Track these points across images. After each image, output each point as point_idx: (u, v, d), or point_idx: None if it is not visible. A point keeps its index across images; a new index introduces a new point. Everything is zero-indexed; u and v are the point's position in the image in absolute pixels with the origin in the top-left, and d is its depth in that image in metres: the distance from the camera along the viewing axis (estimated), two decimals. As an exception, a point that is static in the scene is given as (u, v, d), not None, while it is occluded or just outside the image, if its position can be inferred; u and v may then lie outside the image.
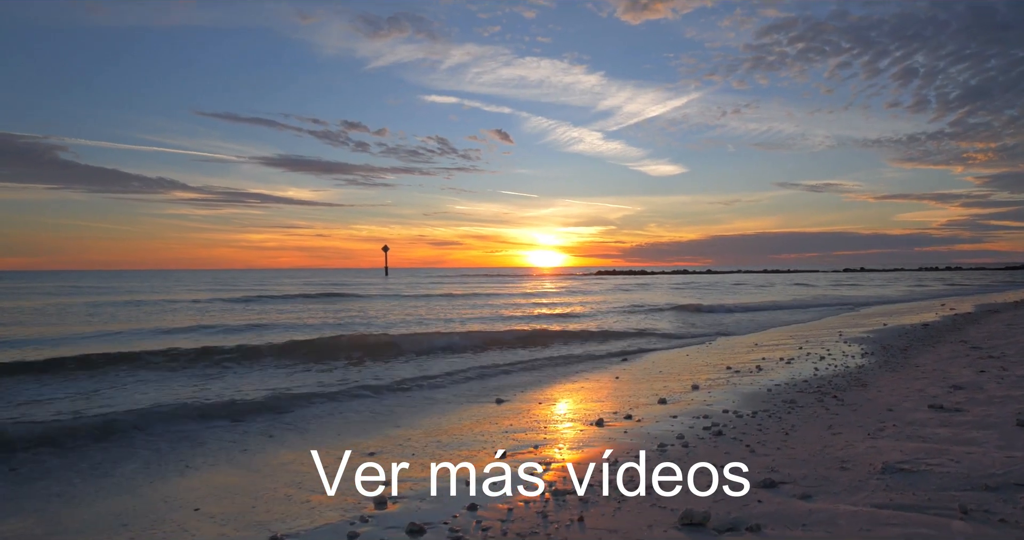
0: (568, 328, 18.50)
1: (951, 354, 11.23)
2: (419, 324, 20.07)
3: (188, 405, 7.98)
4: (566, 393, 9.36)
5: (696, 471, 4.77)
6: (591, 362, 12.66)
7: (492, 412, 7.98)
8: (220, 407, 8.02)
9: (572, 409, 8.01)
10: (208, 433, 6.99)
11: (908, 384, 8.31)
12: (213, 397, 8.69)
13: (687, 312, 24.73)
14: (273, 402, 8.40)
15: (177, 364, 11.62)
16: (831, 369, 10.39)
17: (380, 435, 6.82)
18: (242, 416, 7.77)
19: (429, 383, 10.25)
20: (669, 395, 8.72)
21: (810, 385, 8.86)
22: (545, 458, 5.56)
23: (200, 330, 17.34)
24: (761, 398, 8.03)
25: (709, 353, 13.75)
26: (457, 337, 14.80)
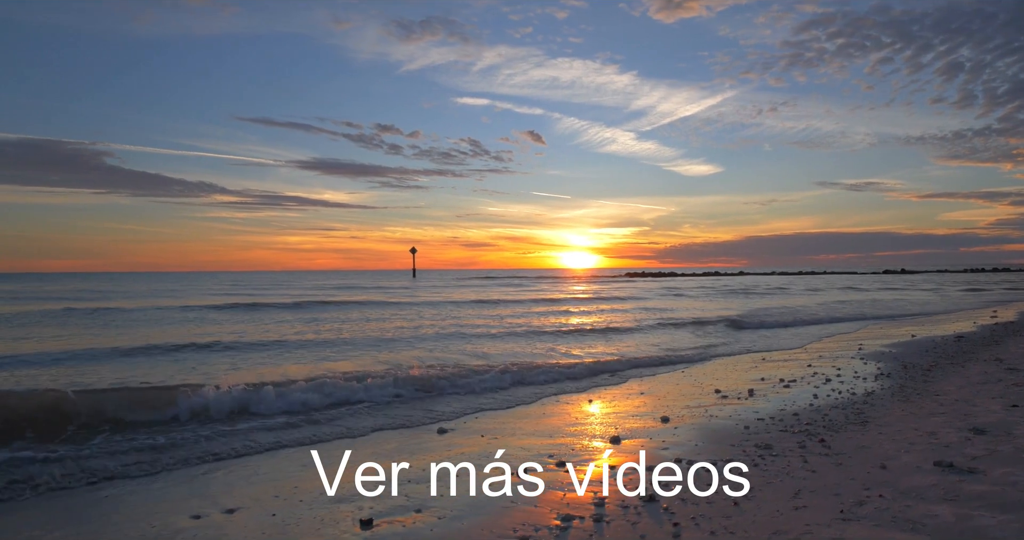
0: (557, 350, 17.14)
1: (981, 378, 9.54)
2: (377, 346, 14.90)
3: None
4: (499, 423, 7.99)
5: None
6: (562, 384, 11.24)
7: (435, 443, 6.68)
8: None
9: (510, 445, 6.65)
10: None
11: (919, 423, 6.75)
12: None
13: (712, 325, 22.00)
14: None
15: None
16: (832, 397, 8.82)
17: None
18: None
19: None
20: (631, 430, 7.33)
21: (800, 420, 7.35)
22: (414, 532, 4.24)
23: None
24: (732, 439, 6.57)
25: (706, 371, 12.21)
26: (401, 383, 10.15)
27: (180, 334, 16.88)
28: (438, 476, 5.64)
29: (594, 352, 14.88)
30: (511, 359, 12.96)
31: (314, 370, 11.31)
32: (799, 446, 6.06)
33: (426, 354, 13.61)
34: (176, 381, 10.05)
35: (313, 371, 11.14)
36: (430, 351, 14.19)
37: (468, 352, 14.14)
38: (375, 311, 26.46)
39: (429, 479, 5.53)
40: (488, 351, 14.38)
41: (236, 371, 11.46)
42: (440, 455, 6.45)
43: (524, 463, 6.00)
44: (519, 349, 14.99)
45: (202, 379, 10.22)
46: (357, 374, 10.38)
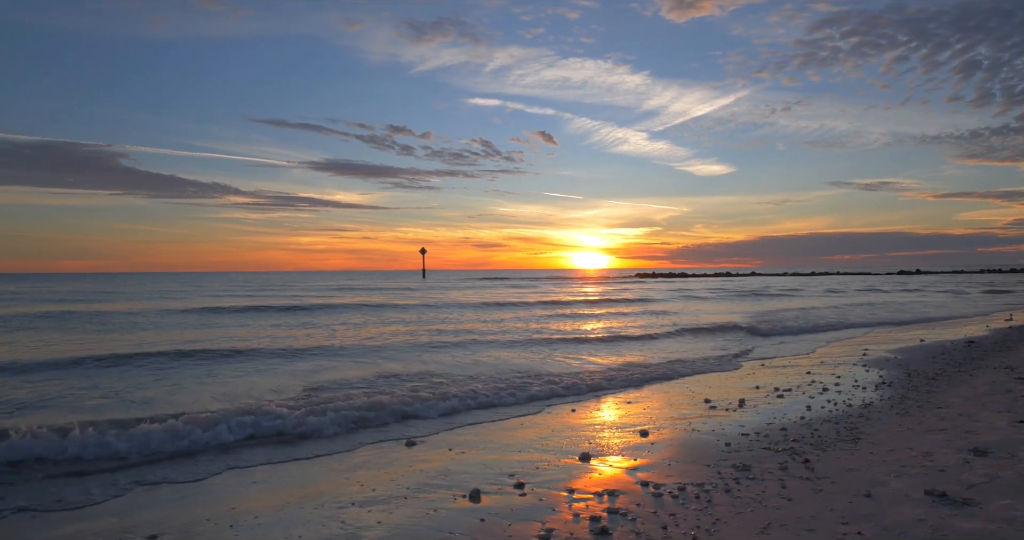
0: (552, 359, 16.59)
1: (989, 388, 8.93)
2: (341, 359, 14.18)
3: None
4: (474, 435, 7.49)
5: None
6: (547, 400, 10.71)
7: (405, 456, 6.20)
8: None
9: (475, 460, 6.15)
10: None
11: (915, 441, 6.18)
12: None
13: (721, 333, 20.13)
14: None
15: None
16: (827, 408, 8.25)
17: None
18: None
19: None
20: (605, 446, 6.83)
21: (787, 435, 6.80)
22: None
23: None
24: (710, 458, 6.04)
25: (700, 378, 11.66)
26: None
27: (150, 340, 16.18)
28: (389, 498, 5.16)
29: (594, 362, 14.34)
30: (503, 369, 12.04)
31: (235, 389, 9.94)
32: (780, 468, 5.52)
33: (400, 368, 12.16)
34: (64, 404, 8.78)
35: (234, 390, 9.85)
36: (405, 364, 12.50)
37: (447, 364, 12.58)
38: (372, 314, 26.03)
39: (379, 501, 5.05)
40: (480, 359, 13.40)
41: (145, 390, 9.96)
42: (398, 471, 5.98)
43: (481, 484, 5.52)
44: (513, 359, 13.63)
45: (98, 400, 9.12)
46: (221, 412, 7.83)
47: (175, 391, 9.89)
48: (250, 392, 9.70)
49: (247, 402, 8.73)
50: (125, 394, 9.64)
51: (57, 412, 8.34)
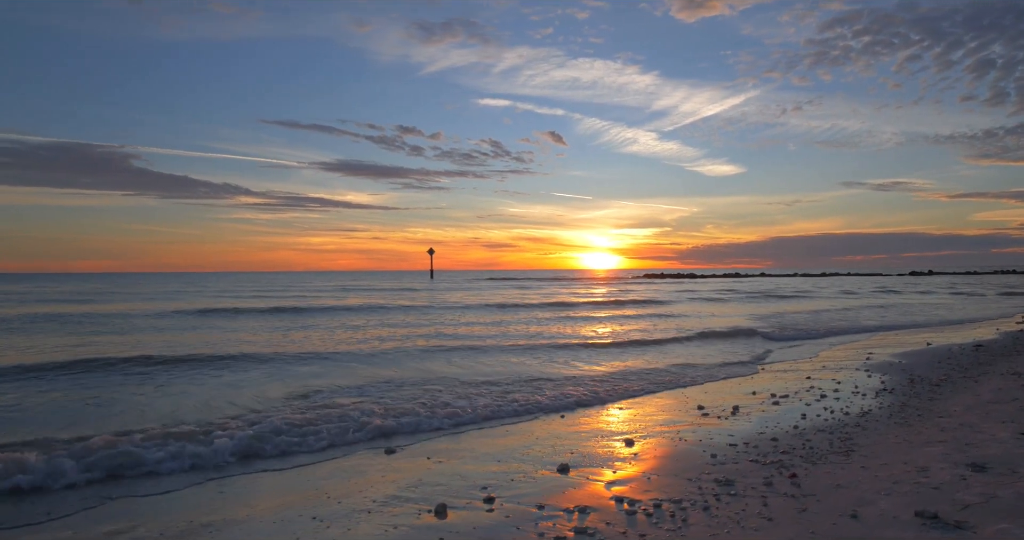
0: (547, 371, 16.27)
1: (994, 396, 8.56)
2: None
3: None
4: (455, 443, 7.22)
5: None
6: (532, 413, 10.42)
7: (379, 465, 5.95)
8: None
9: (451, 471, 5.88)
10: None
11: (911, 454, 5.86)
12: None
13: (729, 339, 18.44)
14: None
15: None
16: (822, 417, 7.93)
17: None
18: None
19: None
20: (587, 455, 6.56)
21: (777, 446, 6.49)
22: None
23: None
24: (693, 471, 5.74)
25: (697, 384, 11.35)
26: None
27: (125, 344, 15.44)
28: (352, 512, 4.90)
29: (590, 369, 14.04)
30: (497, 377, 11.39)
31: (182, 404, 8.96)
32: (765, 483, 5.21)
33: (392, 375, 11.52)
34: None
35: (176, 406, 8.82)
36: (399, 371, 12.19)
37: (438, 374, 11.73)
38: (371, 316, 25.85)
39: (341, 515, 4.79)
40: (473, 366, 12.84)
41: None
42: (370, 481, 5.72)
43: (451, 498, 5.25)
44: (510, 365, 12.96)
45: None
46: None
47: (104, 406, 8.93)
48: (190, 415, 8.30)
49: (184, 428, 7.45)
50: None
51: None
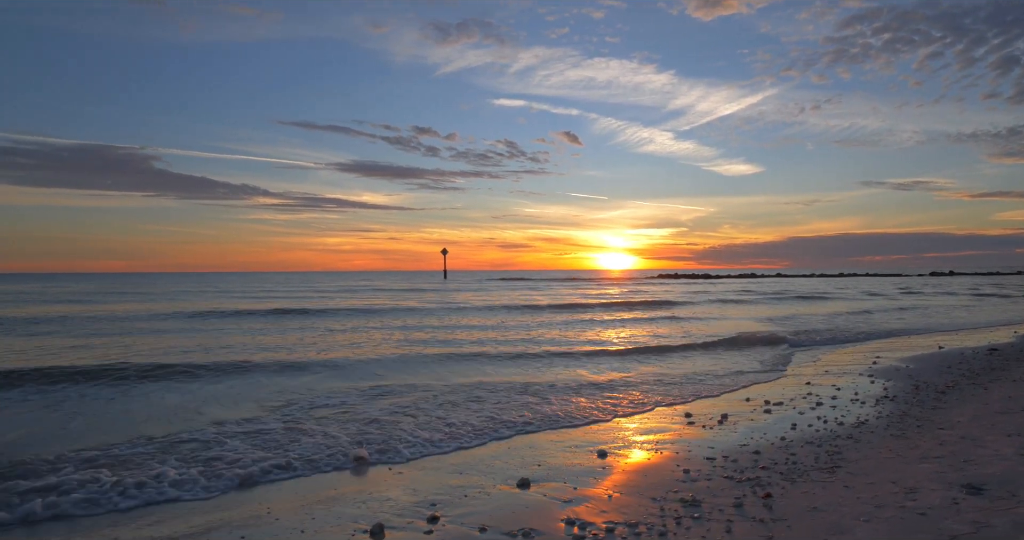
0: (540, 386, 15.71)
1: (1002, 405, 7.97)
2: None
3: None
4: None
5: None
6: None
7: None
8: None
9: (406, 485, 5.45)
10: None
11: (902, 471, 5.33)
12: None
13: (741, 348, 16.39)
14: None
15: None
16: (813, 427, 7.39)
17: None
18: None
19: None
20: (553, 468, 6.11)
21: (758, 461, 5.98)
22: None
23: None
24: (660, 489, 5.25)
25: (693, 388, 10.82)
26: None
27: (91, 349, 14.72)
28: (284, 530, 4.49)
29: (587, 377, 13.54)
30: (488, 392, 10.12)
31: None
32: (735, 504, 4.72)
33: (379, 385, 10.78)
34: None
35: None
36: (387, 381, 11.54)
37: (425, 388, 11.23)
38: (372, 318, 25.52)
39: (270, 535, 4.38)
40: (467, 375, 11.98)
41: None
42: (317, 497, 5.31)
43: (393, 516, 4.83)
44: (491, 379, 11.37)
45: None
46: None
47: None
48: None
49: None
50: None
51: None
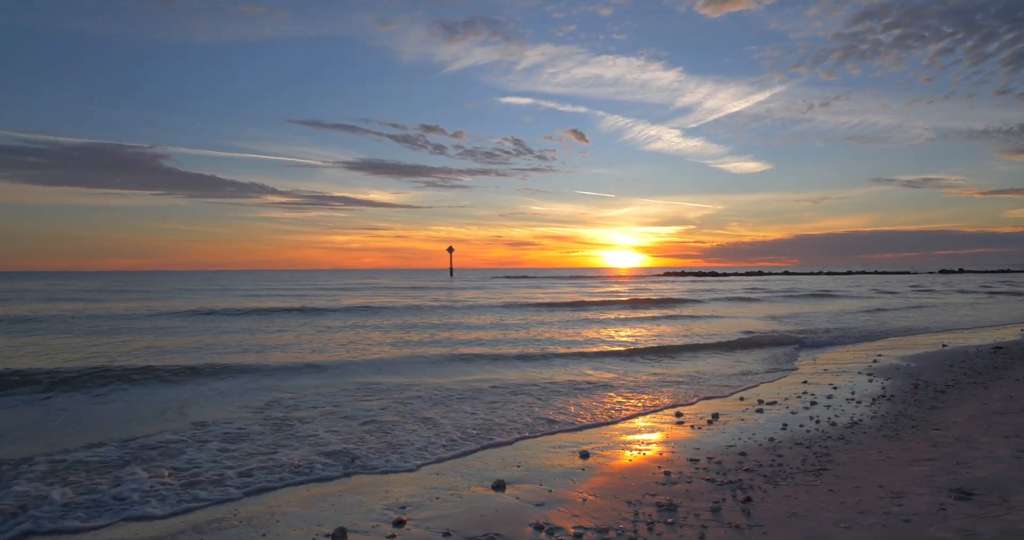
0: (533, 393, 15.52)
1: (1002, 405, 7.71)
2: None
3: None
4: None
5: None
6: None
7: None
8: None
9: (377, 489, 5.27)
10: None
11: (891, 474, 5.10)
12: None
13: (748, 349, 15.25)
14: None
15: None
16: (805, 427, 7.17)
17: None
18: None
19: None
20: (532, 468, 5.91)
21: (743, 462, 5.77)
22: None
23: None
24: (638, 491, 5.05)
25: (688, 390, 10.60)
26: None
27: (59, 352, 14.45)
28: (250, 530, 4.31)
29: (577, 378, 13.30)
30: (479, 401, 10.46)
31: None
32: (712, 509, 4.51)
33: (359, 389, 10.12)
34: None
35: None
36: (370, 387, 11.08)
37: (413, 394, 11.12)
38: (371, 317, 25.41)
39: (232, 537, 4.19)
40: (443, 379, 12.06)
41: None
42: (291, 497, 5.13)
43: (360, 519, 4.67)
44: (484, 379, 11.07)
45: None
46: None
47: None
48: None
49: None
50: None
51: None
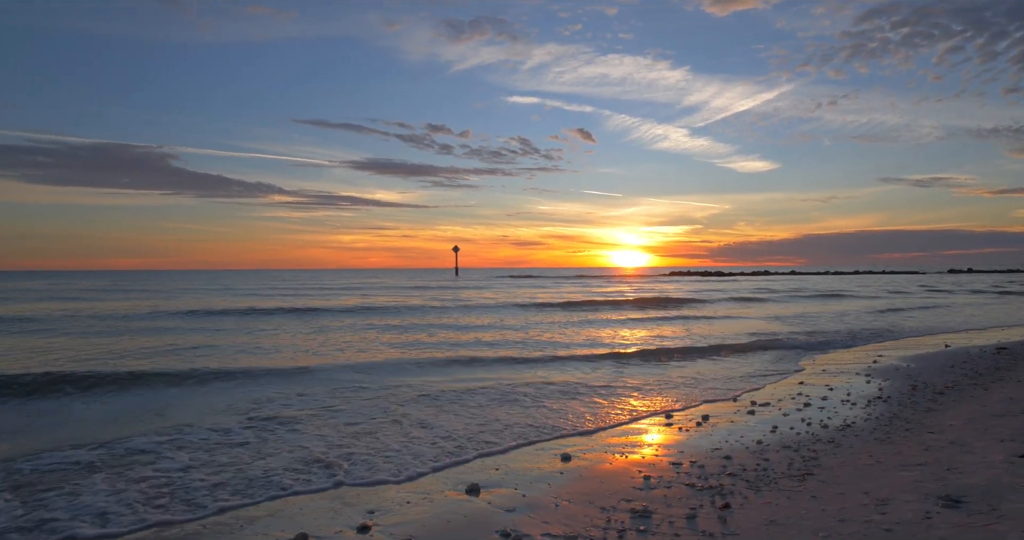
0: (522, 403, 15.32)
1: (1002, 407, 7.48)
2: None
3: None
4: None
5: None
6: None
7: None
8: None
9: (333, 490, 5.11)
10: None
11: (878, 479, 4.89)
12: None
13: (756, 352, 14.41)
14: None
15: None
16: (795, 430, 6.96)
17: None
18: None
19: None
20: (510, 471, 5.72)
21: (727, 466, 5.57)
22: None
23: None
24: (613, 497, 4.86)
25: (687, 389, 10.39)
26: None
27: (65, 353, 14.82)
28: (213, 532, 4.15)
29: (571, 379, 13.10)
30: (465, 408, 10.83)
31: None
32: (688, 516, 4.32)
33: (325, 399, 10.18)
34: None
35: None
36: (342, 395, 11.10)
37: (390, 408, 11.93)
38: (372, 317, 25.30)
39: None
40: (435, 382, 11.25)
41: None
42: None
43: (324, 523, 4.51)
44: (478, 382, 10.57)
45: None
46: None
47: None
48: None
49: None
50: None
51: None
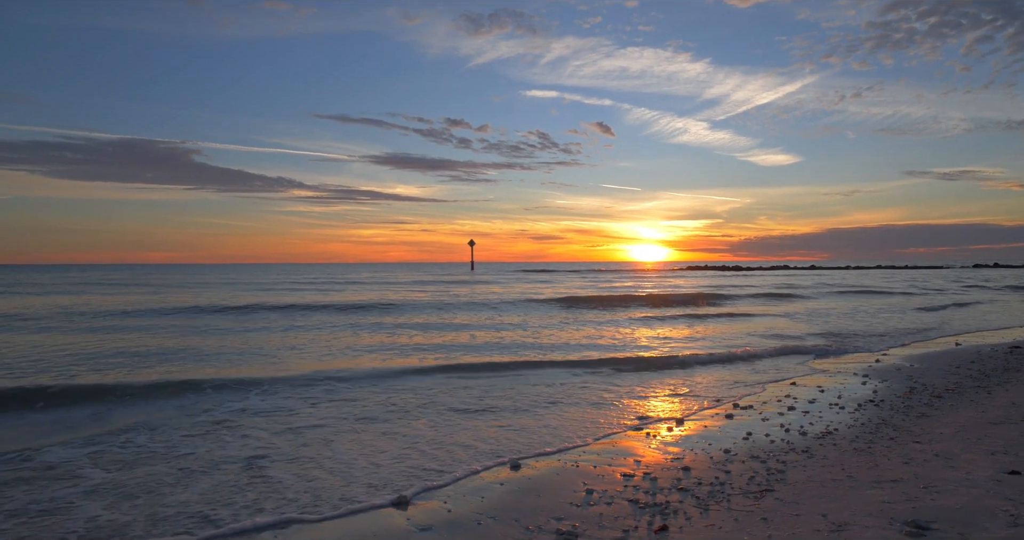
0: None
1: (1001, 413, 6.86)
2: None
3: None
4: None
5: None
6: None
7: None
8: None
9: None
10: None
11: (841, 498, 4.35)
12: None
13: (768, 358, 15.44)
14: None
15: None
16: (770, 437, 6.41)
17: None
18: None
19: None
20: (451, 480, 5.24)
21: (683, 478, 5.05)
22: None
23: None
24: (542, 515, 4.38)
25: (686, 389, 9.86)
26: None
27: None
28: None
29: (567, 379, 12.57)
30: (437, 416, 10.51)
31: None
32: (629, 531, 3.83)
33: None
34: None
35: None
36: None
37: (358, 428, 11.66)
38: (372, 316, 25.02)
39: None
40: (422, 388, 12.03)
41: None
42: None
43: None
44: (464, 384, 10.63)
45: None
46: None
47: None
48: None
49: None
50: None
51: None
